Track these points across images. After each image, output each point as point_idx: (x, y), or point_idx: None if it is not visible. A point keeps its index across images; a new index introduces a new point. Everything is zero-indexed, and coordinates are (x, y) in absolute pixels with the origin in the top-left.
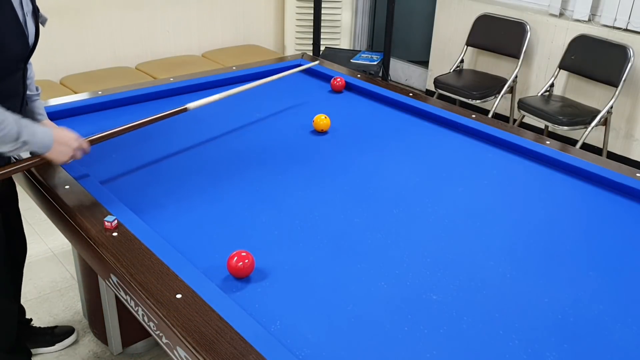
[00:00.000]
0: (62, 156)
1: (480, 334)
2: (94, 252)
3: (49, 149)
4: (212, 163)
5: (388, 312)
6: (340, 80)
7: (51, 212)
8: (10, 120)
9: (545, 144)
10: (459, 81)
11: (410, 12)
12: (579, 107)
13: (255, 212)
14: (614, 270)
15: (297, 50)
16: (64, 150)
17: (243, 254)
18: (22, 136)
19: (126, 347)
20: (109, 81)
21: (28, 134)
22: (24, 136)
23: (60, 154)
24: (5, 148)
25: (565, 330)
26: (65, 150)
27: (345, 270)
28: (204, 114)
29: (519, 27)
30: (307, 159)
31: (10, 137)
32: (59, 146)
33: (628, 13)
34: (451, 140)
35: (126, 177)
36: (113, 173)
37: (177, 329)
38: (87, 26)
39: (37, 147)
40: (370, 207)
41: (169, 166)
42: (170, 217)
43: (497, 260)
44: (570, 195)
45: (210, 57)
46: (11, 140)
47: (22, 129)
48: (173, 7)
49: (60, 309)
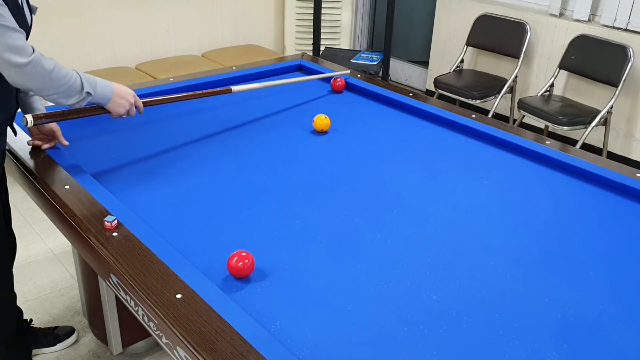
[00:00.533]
0: (120, 108)
1: (480, 334)
2: (94, 252)
3: (109, 101)
4: (212, 163)
5: (388, 312)
6: (340, 80)
7: (51, 212)
8: (73, 72)
9: (545, 144)
10: (459, 81)
11: (410, 12)
12: (579, 107)
13: (255, 212)
14: (614, 270)
15: (297, 50)
16: (122, 104)
17: (243, 254)
18: (86, 87)
19: (126, 347)
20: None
21: (91, 85)
22: (87, 87)
23: (118, 106)
24: (72, 100)
25: (565, 330)
26: (123, 104)
27: (345, 270)
28: (204, 114)
29: (519, 27)
30: (307, 159)
31: (75, 89)
32: (119, 99)
33: (628, 13)
34: (451, 140)
35: (126, 177)
36: (113, 173)
37: (177, 329)
38: (87, 26)
39: (99, 98)
40: (370, 207)
41: (169, 166)
42: (171, 217)
43: (497, 260)
44: (570, 195)
45: (210, 57)
46: (77, 92)
47: (85, 81)
48: (173, 7)
49: (60, 309)
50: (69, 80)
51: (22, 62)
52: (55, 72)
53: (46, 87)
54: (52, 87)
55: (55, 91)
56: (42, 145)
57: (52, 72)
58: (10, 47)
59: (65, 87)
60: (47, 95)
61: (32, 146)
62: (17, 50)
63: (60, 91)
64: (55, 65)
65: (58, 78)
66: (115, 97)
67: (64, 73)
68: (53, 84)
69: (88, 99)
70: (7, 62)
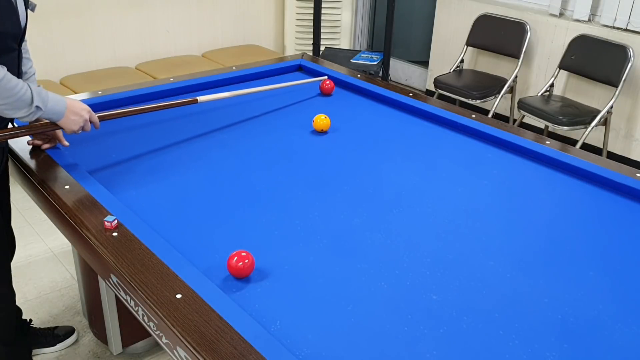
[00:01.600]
0: (73, 125)
1: (480, 334)
2: (94, 252)
3: (62, 117)
4: (212, 163)
5: (388, 312)
6: (329, 82)
7: (51, 212)
8: (24, 85)
9: (545, 144)
10: (459, 81)
11: (410, 12)
12: (579, 107)
13: (255, 212)
14: (614, 270)
15: (297, 50)
16: (75, 120)
17: (243, 254)
18: (36, 101)
19: (126, 347)
20: (109, 81)
21: (42, 99)
22: (37, 101)
23: (71, 123)
24: (20, 113)
25: (565, 330)
26: (77, 120)
27: (345, 270)
28: (204, 114)
29: (519, 27)
30: (307, 159)
31: (25, 101)
32: (71, 115)
33: (628, 13)
34: (451, 140)
35: (126, 177)
36: (113, 173)
37: (177, 329)
38: (87, 26)
39: (50, 113)
40: (370, 207)
41: (169, 166)
42: (171, 217)
43: (497, 260)
44: (570, 195)
45: (210, 57)
46: (25, 105)
47: (35, 95)
48: (173, 7)
49: (60, 309)
50: (18, 92)
51: None
52: (3, 81)
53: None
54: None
55: (2, 102)
56: (42, 145)
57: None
58: None
59: (13, 99)
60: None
61: (32, 146)
62: None
63: (8, 102)
64: (5, 75)
65: (6, 88)
66: (69, 113)
67: (14, 84)
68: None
69: (38, 114)
70: None
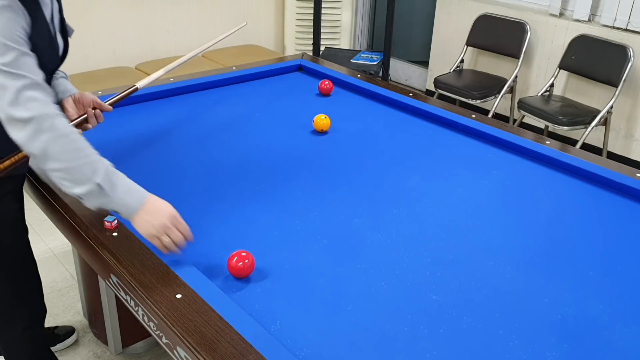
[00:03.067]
0: (149, 229)
1: (480, 334)
2: (94, 252)
3: (133, 213)
4: (212, 163)
5: (388, 312)
6: (328, 83)
7: (51, 212)
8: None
9: (545, 144)
10: (459, 81)
11: (410, 12)
12: (579, 107)
13: (255, 212)
14: (614, 270)
15: (297, 50)
16: (152, 223)
17: (243, 254)
18: (100, 179)
19: (126, 347)
20: (108, 81)
21: (109, 180)
22: (101, 179)
23: (146, 226)
24: (77, 189)
25: (565, 330)
26: (154, 224)
27: (345, 270)
28: (203, 114)
29: (519, 27)
30: (307, 159)
31: (85, 174)
32: (146, 215)
33: (628, 13)
34: (451, 140)
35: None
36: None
37: (177, 329)
38: (87, 26)
39: (118, 204)
40: (370, 207)
41: (168, 166)
42: None
43: (497, 260)
44: (571, 195)
45: (210, 57)
46: (86, 180)
47: (103, 171)
48: (173, 6)
49: (60, 309)
50: (82, 158)
51: (27, 117)
52: (67, 138)
53: (49, 154)
54: (57, 157)
55: (59, 165)
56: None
57: (62, 137)
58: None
59: (74, 164)
60: (49, 169)
61: None
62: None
63: (66, 168)
64: (72, 132)
65: (69, 149)
66: (143, 212)
67: (81, 146)
68: (59, 153)
69: (102, 199)
70: (8, 116)
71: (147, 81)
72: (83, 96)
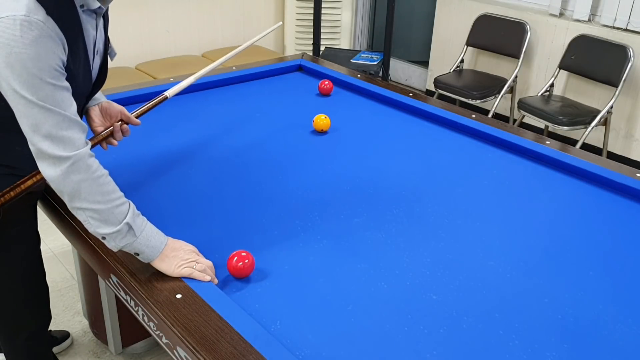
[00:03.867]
0: (178, 263)
1: (480, 334)
2: (94, 252)
3: (157, 254)
4: (212, 163)
5: (388, 312)
6: (327, 83)
7: (51, 212)
8: (122, 195)
9: (545, 144)
10: (459, 81)
11: (410, 12)
12: (579, 107)
13: (255, 212)
14: (614, 270)
15: (297, 50)
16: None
17: (243, 254)
18: (129, 219)
19: (126, 347)
20: (109, 81)
21: (136, 223)
22: (130, 219)
23: (174, 261)
24: (106, 229)
25: (565, 330)
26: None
27: (345, 270)
28: (203, 114)
29: (519, 27)
30: (307, 159)
31: (116, 216)
32: (172, 252)
33: (628, 13)
34: (451, 140)
35: (126, 177)
36: (112, 173)
37: (177, 329)
38: None
39: (143, 245)
40: (370, 207)
41: (168, 166)
42: (170, 217)
43: (497, 260)
44: (571, 195)
45: (210, 57)
46: (116, 221)
47: (131, 213)
48: (173, 7)
49: (60, 309)
50: (113, 200)
51: (62, 156)
52: (99, 180)
53: (81, 195)
54: (88, 198)
55: (90, 206)
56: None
57: (95, 179)
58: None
59: (104, 206)
60: (78, 207)
61: None
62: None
63: (97, 209)
64: (105, 175)
65: (102, 192)
66: (167, 250)
67: (112, 188)
68: (91, 195)
69: (127, 239)
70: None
71: (177, 90)
72: (111, 106)
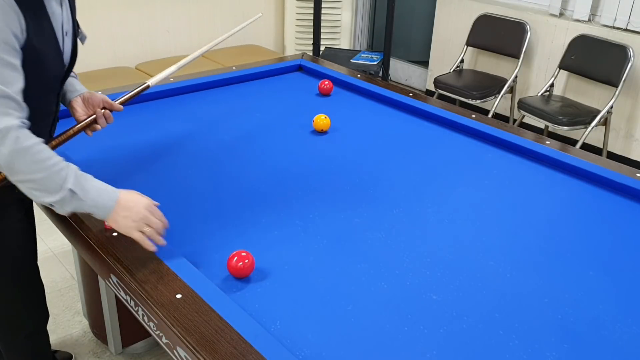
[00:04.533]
0: (129, 224)
1: (480, 334)
2: (94, 252)
3: (109, 213)
4: (212, 163)
5: (388, 312)
6: (327, 83)
7: (51, 212)
8: (60, 161)
9: (545, 144)
10: (459, 81)
11: (410, 12)
12: (579, 107)
13: (256, 212)
14: (614, 270)
15: (297, 50)
16: (132, 218)
17: (243, 254)
18: (71, 183)
19: (126, 347)
20: (108, 81)
21: (80, 185)
22: (72, 184)
23: (126, 222)
24: (49, 198)
25: (565, 330)
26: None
27: (345, 270)
28: (203, 114)
29: (519, 27)
30: (307, 159)
31: (56, 182)
32: (123, 211)
33: (628, 13)
34: (451, 140)
35: (126, 177)
36: (113, 174)
37: (177, 329)
38: (87, 26)
39: (90, 205)
40: (370, 207)
41: (168, 166)
42: (171, 217)
43: (497, 260)
44: (571, 195)
45: (210, 57)
46: (56, 188)
47: (72, 176)
48: (173, 7)
49: (60, 309)
50: (50, 168)
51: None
52: (31, 150)
53: (15, 167)
54: (23, 169)
55: (27, 177)
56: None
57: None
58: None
59: (41, 175)
60: (17, 180)
61: None
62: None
63: (35, 179)
64: (36, 143)
65: (34, 160)
66: (119, 208)
67: (46, 156)
68: (25, 165)
69: (74, 203)
70: None
71: (159, 78)
72: (92, 96)
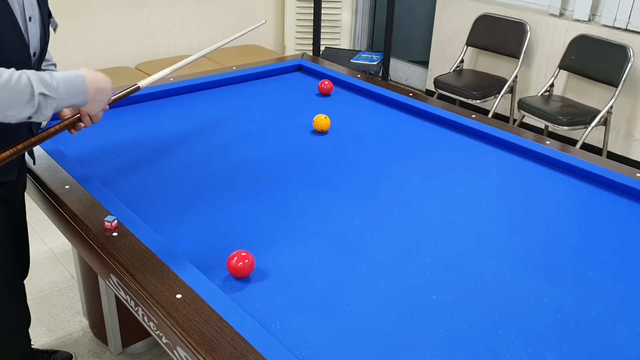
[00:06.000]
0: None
1: (480, 334)
2: (94, 252)
3: (86, 98)
4: (212, 163)
5: (388, 312)
6: (327, 83)
7: (51, 212)
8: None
9: (545, 144)
10: (459, 81)
11: (410, 12)
12: (579, 107)
13: (255, 212)
14: (614, 270)
15: (297, 50)
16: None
17: (243, 254)
18: (37, 88)
19: (126, 347)
20: None
21: (45, 85)
22: (39, 88)
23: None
24: (25, 112)
25: (565, 330)
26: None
27: (345, 270)
28: (203, 114)
29: (519, 27)
30: (307, 159)
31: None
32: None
33: (628, 13)
34: (451, 140)
35: (126, 177)
36: (113, 173)
37: (177, 329)
38: (87, 26)
39: (68, 99)
40: (370, 207)
41: (168, 166)
42: (171, 217)
43: (497, 260)
44: (570, 195)
45: (210, 57)
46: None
47: (35, 80)
48: (173, 7)
49: (60, 309)
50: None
51: None
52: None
53: None
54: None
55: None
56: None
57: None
58: None
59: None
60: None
61: None
62: None
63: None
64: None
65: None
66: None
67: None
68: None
69: (51, 105)
70: None
71: (150, 80)
72: None
